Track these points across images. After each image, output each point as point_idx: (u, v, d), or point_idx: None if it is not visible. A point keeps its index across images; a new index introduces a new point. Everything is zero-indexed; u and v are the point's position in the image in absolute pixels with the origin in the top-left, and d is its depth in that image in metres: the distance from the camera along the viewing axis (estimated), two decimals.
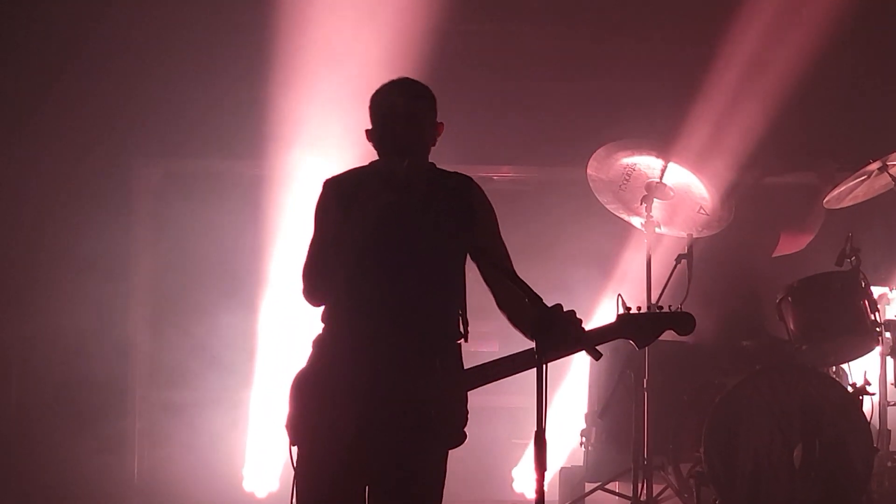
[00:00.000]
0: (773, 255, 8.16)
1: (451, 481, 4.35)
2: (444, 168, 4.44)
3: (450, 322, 4.33)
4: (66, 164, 8.60)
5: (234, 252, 8.48)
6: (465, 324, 4.36)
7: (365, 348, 4.23)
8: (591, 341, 4.24)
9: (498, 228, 4.46)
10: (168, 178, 8.94)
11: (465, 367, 4.35)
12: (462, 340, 4.36)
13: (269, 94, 8.36)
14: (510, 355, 4.31)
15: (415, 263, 4.28)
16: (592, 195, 7.47)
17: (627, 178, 7.50)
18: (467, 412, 4.34)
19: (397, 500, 4.25)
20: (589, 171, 7.48)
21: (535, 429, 3.97)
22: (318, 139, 7.93)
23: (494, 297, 4.42)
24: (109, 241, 8.59)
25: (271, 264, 8.30)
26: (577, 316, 4.18)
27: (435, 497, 4.29)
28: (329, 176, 4.42)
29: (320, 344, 4.33)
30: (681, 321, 4.38)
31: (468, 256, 4.40)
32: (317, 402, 4.22)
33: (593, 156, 7.47)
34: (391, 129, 4.34)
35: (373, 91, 4.43)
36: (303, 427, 4.24)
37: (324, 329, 4.35)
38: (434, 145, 4.41)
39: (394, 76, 4.45)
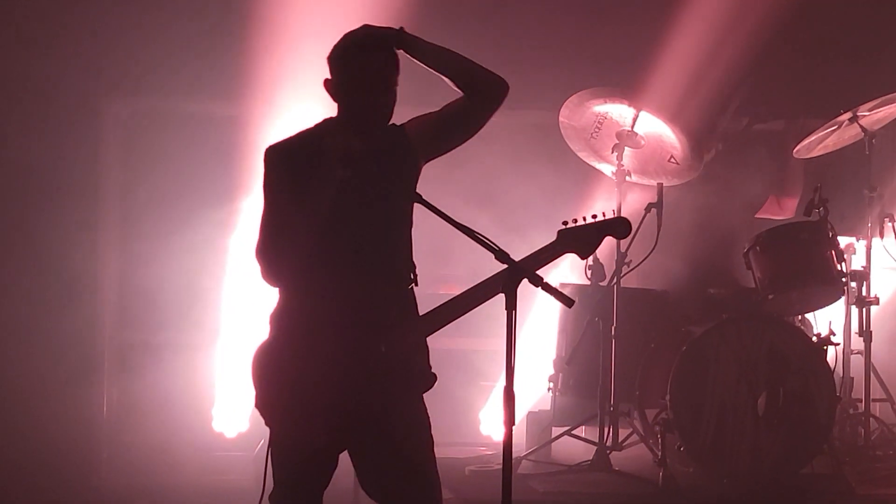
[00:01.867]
0: (758, 216, 8.16)
1: None
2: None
3: (402, 273, 4.33)
4: (31, 100, 8.48)
5: (205, 195, 8.43)
6: (413, 268, 4.36)
7: (324, 316, 4.21)
8: (538, 264, 4.27)
9: (426, 114, 4.40)
10: (138, 116, 8.86)
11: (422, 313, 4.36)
12: (413, 286, 4.35)
13: (246, 34, 8.29)
14: (462, 294, 4.34)
15: (369, 230, 4.27)
16: (560, 140, 7.47)
17: (599, 126, 7.51)
18: (428, 355, 4.35)
19: (387, 456, 4.24)
20: (560, 118, 7.49)
21: (504, 383, 4.01)
22: (298, 82, 7.86)
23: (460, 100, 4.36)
24: (77, 179, 8.51)
25: (242, 206, 8.27)
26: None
27: (423, 441, 4.28)
28: (272, 144, 4.31)
29: (278, 318, 4.29)
30: (617, 226, 4.41)
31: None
32: (284, 377, 4.20)
33: (565, 103, 7.46)
34: (369, 97, 4.23)
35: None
36: (276, 405, 4.23)
37: (280, 303, 4.30)
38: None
39: (366, 18, 4.35)
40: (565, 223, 4.40)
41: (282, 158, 4.27)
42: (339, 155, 4.20)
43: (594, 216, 4.42)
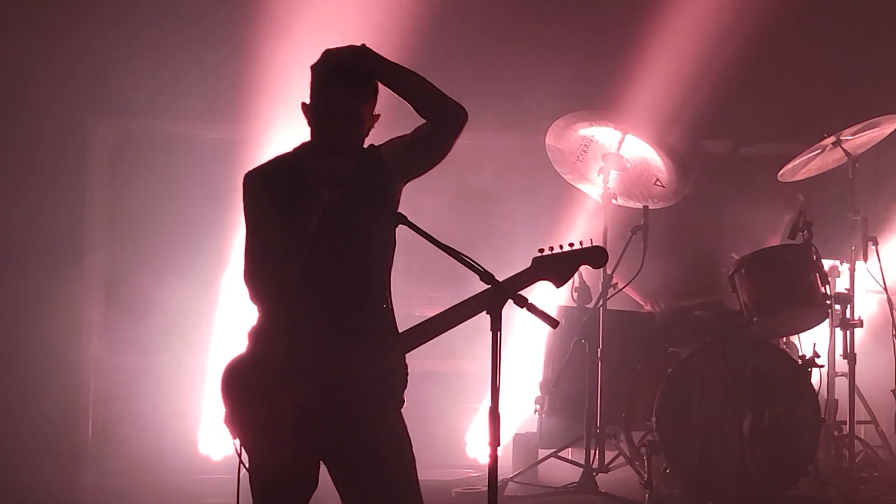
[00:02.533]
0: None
1: None
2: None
3: (381, 294, 4.34)
4: (18, 121, 8.49)
5: (194, 217, 8.43)
6: (387, 289, 4.37)
7: (301, 335, 4.23)
8: (517, 288, 4.23)
9: (400, 137, 4.42)
10: (126, 138, 8.87)
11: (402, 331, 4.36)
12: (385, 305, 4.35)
13: (236, 56, 8.31)
14: (444, 312, 4.31)
15: (349, 251, 4.28)
16: (545, 162, 7.51)
17: (585, 149, 7.54)
18: (406, 375, 4.35)
19: (366, 475, 4.24)
20: (547, 140, 7.52)
21: (490, 404, 4.02)
22: (290, 104, 7.87)
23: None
24: (64, 200, 8.52)
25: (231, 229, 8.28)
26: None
27: (403, 461, 4.27)
28: (251, 170, 4.31)
29: (256, 335, 4.29)
30: (593, 255, 4.37)
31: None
32: (254, 393, 4.19)
33: (552, 126, 7.50)
34: (332, 124, 4.25)
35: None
36: (243, 421, 4.21)
37: (259, 320, 4.31)
38: (367, 135, 4.35)
39: (352, 39, 4.35)
40: (541, 250, 4.34)
41: (263, 183, 4.29)
42: (325, 177, 4.22)
43: (570, 244, 4.37)
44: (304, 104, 4.32)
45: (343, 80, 4.25)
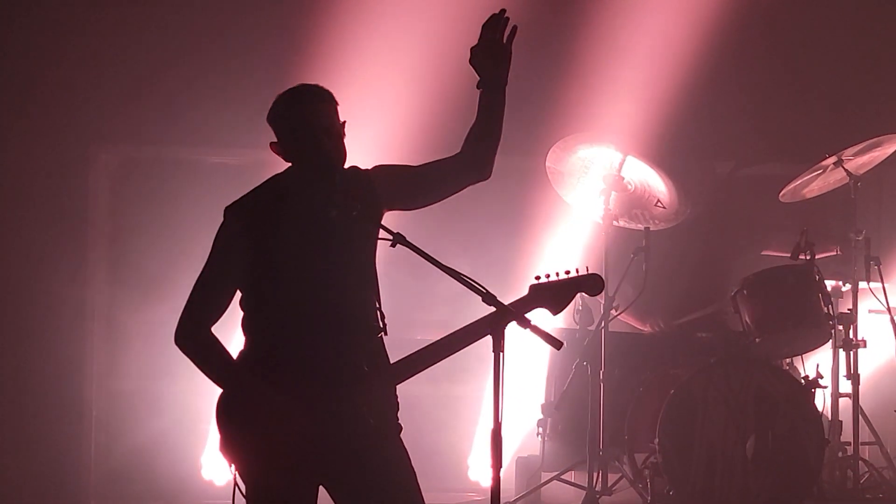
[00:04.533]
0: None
1: None
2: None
3: (372, 320, 4.33)
4: (20, 147, 8.49)
5: (196, 243, 8.42)
6: (383, 317, 4.35)
7: (292, 363, 4.20)
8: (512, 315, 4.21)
9: (398, 166, 4.45)
10: (128, 164, 8.87)
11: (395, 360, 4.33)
12: (383, 334, 4.34)
13: (237, 81, 8.33)
14: (433, 343, 4.28)
15: (340, 274, 4.26)
16: (543, 185, 7.52)
17: (586, 170, 7.54)
18: (397, 403, 4.33)
19: (371, 499, 4.22)
20: (548, 163, 7.51)
21: (492, 426, 4.01)
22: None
23: (446, 165, 4.44)
24: (66, 226, 8.53)
25: None
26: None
27: (405, 482, 4.26)
28: (232, 203, 4.30)
29: (247, 362, 4.25)
30: (589, 283, 4.32)
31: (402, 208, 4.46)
32: (249, 421, 4.15)
33: (552, 148, 7.49)
34: (318, 142, 4.24)
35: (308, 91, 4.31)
36: (242, 450, 4.16)
37: (247, 348, 4.29)
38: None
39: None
40: (538, 278, 4.31)
41: (242, 214, 4.26)
42: (316, 203, 4.22)
43: (567, 272, 4.32)
44: (273, 144, 4.32)
45: (316, 96, 4.28)
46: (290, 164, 4.36)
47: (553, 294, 4.30)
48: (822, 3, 8.69)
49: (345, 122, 4.32)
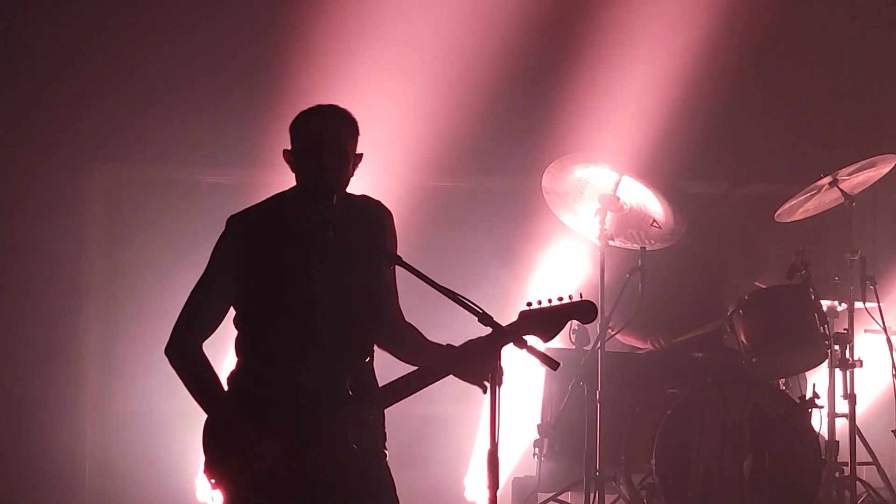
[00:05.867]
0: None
1: (402, 492, 4.35)
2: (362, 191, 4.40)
3: (364, 344, 4.32)
4: (16, 166, 8.49)
5: (191, 263, 8.41)
6: (372, 339, 4.36)
7: (280, 385, 4.19)
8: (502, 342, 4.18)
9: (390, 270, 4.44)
10: (123, 183, 8.87)
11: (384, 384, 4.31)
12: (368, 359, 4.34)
13: (235, 101, 8.33)
14: (421, 368, 4.26)
15: (332, 297, 4.25)
16: (539, 205, 7.53)
17: (581, 190, 7.54)
18: (384, 433, 4.32)
19: None
20: (543, 183, 7.51)
21: (489, 447, 4.00)
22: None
23: (389, 311, 4.39)
24: (61, 246, 8.52)
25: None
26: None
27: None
28: (236, 213, 4.31)
29: (234, 381, 4.27)
30: (582, 310, 4.25)
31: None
32: (237, 443, 4.13)
33: (548, 168, 7.50)
34: (319, 155, 4.24)
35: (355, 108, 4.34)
36: (226, 472, 4.14)
37: (239, 366, 4.29)
38: (352, 175, 4.32)
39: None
40: (529, 304, 4.25)
41: (245, 225, 4.28)
42: (315, 223, 4.21)
43: (559, 298, 4.26)
44: (286, 151, 4.33)
45: (331, 114, 4.28)
46: (295, 182, 4.35)
47: (544, 320, 4.23)
48: (817, 24, 8.73)
49: (361, 154, 4.31)
